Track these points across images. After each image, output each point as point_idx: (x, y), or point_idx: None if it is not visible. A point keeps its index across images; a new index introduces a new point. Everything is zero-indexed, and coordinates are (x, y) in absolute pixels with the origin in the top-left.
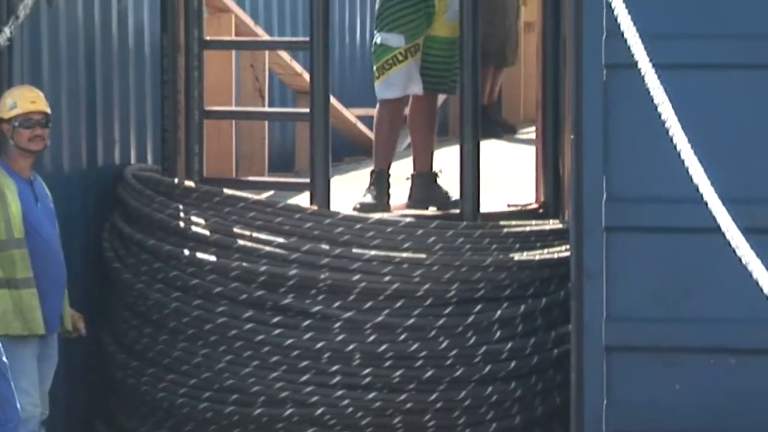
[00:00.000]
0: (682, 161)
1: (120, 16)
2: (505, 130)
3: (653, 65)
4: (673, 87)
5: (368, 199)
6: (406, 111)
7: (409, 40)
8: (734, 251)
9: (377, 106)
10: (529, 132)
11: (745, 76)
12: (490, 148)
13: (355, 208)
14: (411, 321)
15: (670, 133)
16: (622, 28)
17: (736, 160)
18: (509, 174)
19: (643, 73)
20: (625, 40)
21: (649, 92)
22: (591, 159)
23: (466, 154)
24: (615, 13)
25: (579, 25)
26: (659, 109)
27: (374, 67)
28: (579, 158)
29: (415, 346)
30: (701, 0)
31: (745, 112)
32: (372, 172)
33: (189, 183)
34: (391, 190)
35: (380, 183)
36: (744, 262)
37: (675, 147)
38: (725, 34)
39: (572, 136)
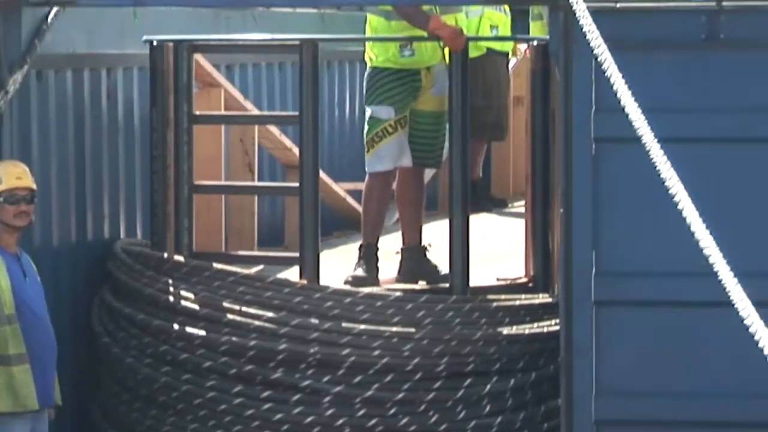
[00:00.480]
0: (692, 234)
1: (109, 90)
2: (495, 204)
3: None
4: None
5: (359, 272)
6: (394, 185)
7: (399, 112)
8: (744, 324)
9: (366, 179)
10: (519, 206)
11: (738, 150)
12: (479, 222)
13: (346, 282)
14: (401, 395)
15: (680, 207)
16: (622, 102)
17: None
18: (499, 248)
19: (647, 148)
20: (627, 114)
21: (644, 166)
22: (580, 233)
23: (455, 228)
24: (614, 88)
25: (568, 99)
26: (667, 183)
27: (365, 140)
28: (568, 232)
29: (404, 421)
30: (695, 74)
31: (738, 187)
32: (361, 246)
33: (178, 257)
34: (380, 264)
35: (369, 257)
36: (756, 336)
37: (684, 220)
38: (719, 108)
39: (562, 210)
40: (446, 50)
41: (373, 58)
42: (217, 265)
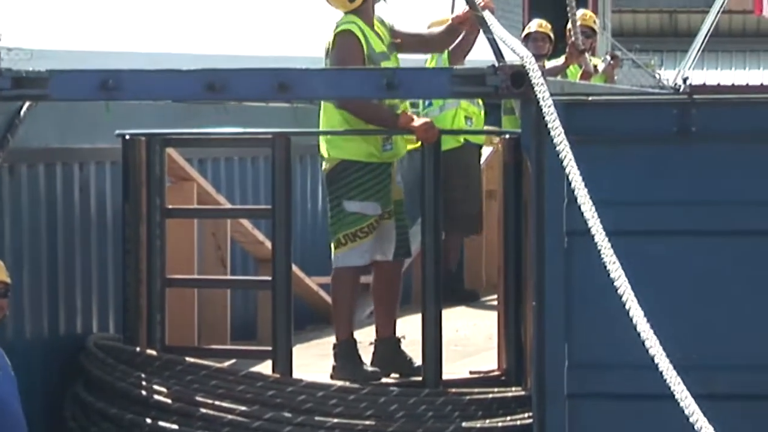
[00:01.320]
0: (636, 328)
1: (82, 185)
2: (468, 297)
3: (612, 232)
4: (632, 253)
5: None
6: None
7: (384, 207)
8: (688, 419)
9: (337, 273)
10: (491, 299)
11: (710, 243)
12: (452, 315)
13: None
14: None
15: (624, 300)
16: (577, 196)
17: (692, 326)
18: (471, 341)
19: (597, 241)
20: (579, 207)
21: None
22: (553, 326)
23: (428, 321)
24: (570, 180)
25: (541, 192)
26: (612, 276)
27: (340, 234)
28: (541, 325)
29: None
30: (667, 167)
31: (698, 278)
32: (336, 344)
33: (151, 351)
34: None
35: (352, 352)
36: (697, 429)
37: (629, 314)
38: (691, 202)
39: (534, 303)
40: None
41: (346, 150)
42: (189, 359)
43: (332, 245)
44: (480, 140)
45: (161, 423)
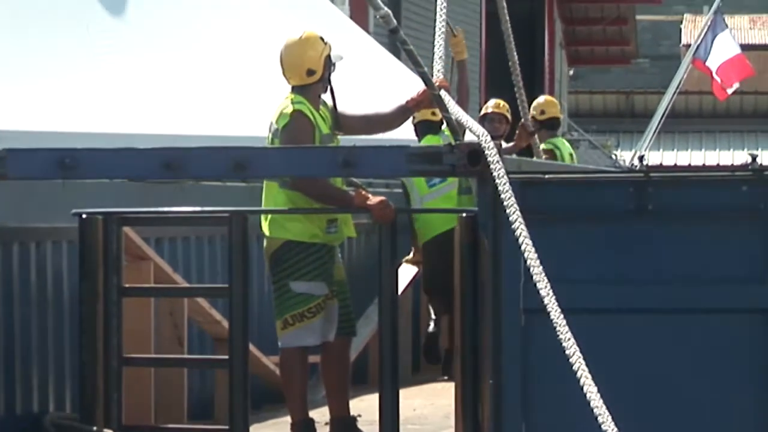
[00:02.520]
0: (591, 408)
1: (39, 264)
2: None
3: (568, 310)
4: (589, 331)
5: None
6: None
7: (330, 286)
8: None
9: (285, 354)
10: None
11: (665, 321)
12: (410, 394)
13: None
14: None
15: (579, 379)
16: (533, 274)
17: (648, 406)
18: (429, 420)
19: (553, 319)
20: (535, 285)
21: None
22: (510, 404)
23: (385, 400)
24: (526, 258)
25: (498, 270)
26: (568, 354)
27: (287, 315)
28: (498, 404)
29: None
30: (624, 244)
31: (655, 357)
32: (296, 424)
33: (108, 431)
34: None
35: (309, 430)
36: None
37: (584, 393)
38: (647, 280)
39: (491, 381)
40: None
41: (290, 230)
42: None
43: (278, 326)
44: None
45: None
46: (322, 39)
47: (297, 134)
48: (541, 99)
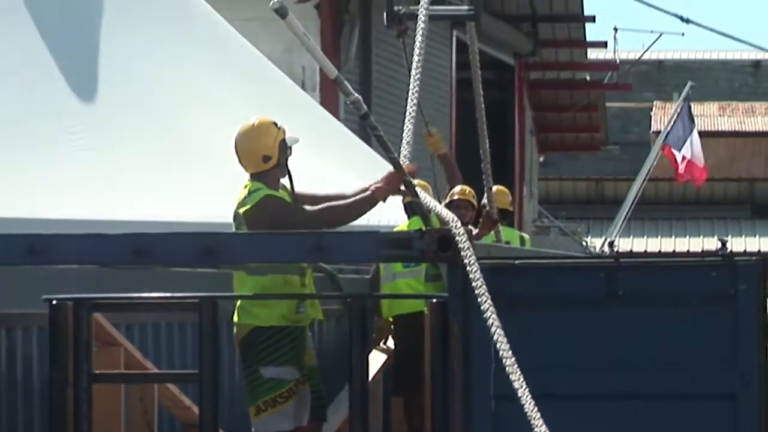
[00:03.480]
0: None
1: (9, 350)
2: None
3: (539, 396)
4: (560, 418)
5: None
6: None
7: (301, 370)
8: None
9: None
10: None
11: (637, 406)
12: None
13: None
14: None
15: None
16: (503, 360)
17: None
18: None
19: (524, 406)
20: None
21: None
22: None
23: None
24: (497, 345)
25: (468, 357)
26: None
27: (259, 401)
28: None
29: None
30: (594, 330)
31: None
32: None
33: None
34: None
35: None
36: None
37: None
38: (618, 364)
39: None
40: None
41: (259, 316)
42: None
43: (251, 412)
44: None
45: None
46: (275, 124)
47: (280, 212)
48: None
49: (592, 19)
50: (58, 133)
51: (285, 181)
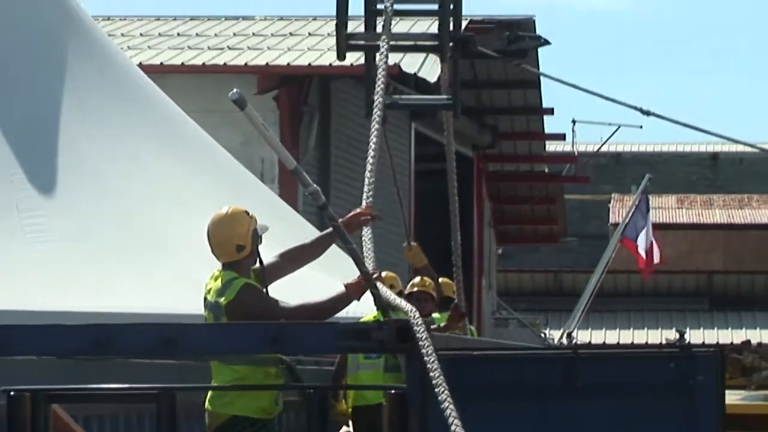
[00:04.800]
0: None
1: None
2: None
3: None
4: None
5: None
6: None
7: None
8: None
9: None
10: None
11: None
12: None
13: None
14: None
15: None
16: None
17: None
18: None
19: None
20: None
21: None
22: None
23: None
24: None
25: None
26: None
27: None
28: None
29: None
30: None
31: None
32: None
33: None
34: None
35: None
36: None
37: None
38: None
39: None
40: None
41: (238, 406)
42: None
43: None
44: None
45: None
46: (247, 213)
47: (258, 302)
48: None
49: (551, 111)
50: (17, 227)
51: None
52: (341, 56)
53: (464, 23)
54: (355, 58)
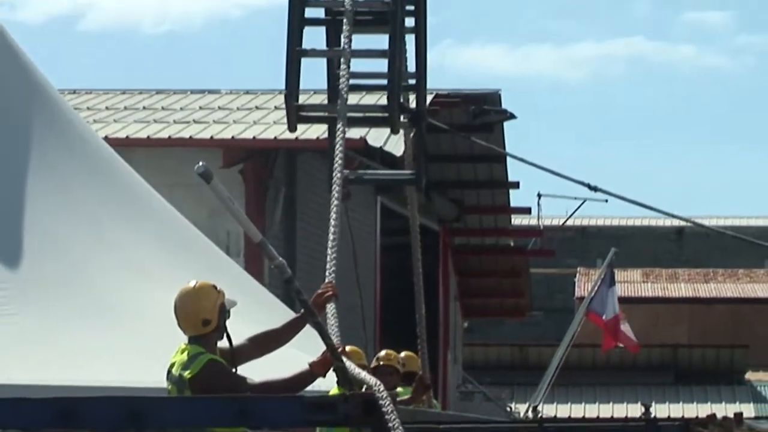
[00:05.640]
0: None
1: None
2: None
3: None
4: None
5: None
6: None
7: None
8: None
9: None
10: None
11: None
12: None
13: None
14: None
15: None
16: None
17: None
18: None
19: None
20: None
21: None
22: None
23: None
24: None
25: None
26: None
27: None
28: None
29: None
30: None
31: None
32: None
33: None
34: None
35: None
36: None
37: None
38: None
39: None
40: None
41: None
42: None
43: None
44: None
45: None
46: (215, 287)
47: (221, 379)
48: (402, 353)
49: (516, 185)
50: None
51: (223, 342)
52: (291, 128)
53: (430, 97)
54: (321, 131)
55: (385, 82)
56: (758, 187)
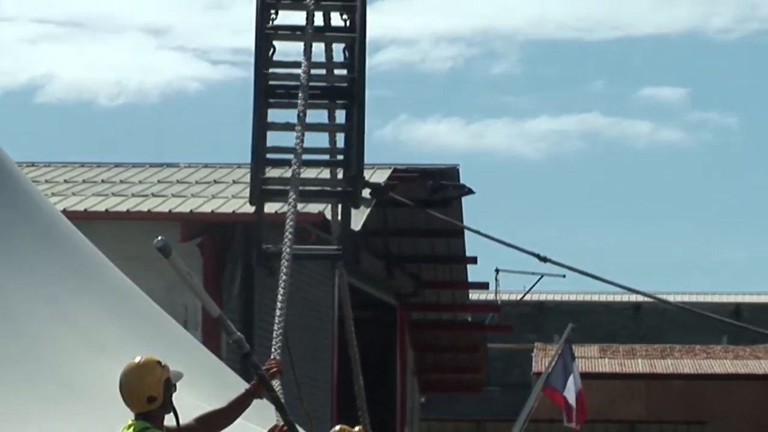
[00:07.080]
0: None
1: None
2: None
3: None
4: None
5: None
6: None
7: None
8: None
9: None
10: None
11: None
12: None
13: None
14: None
15: None
16: None
17: None
18: None
19: None
20: None
21: None
22: None
23: None
24: None
25: None
26: None
27: None
28: None
29: None
30: None
31: None
32: None
33: None
34: None
35: None
36: None
37: None
38: None
39: None
40: None
41: None
42: None
43: None
44: None
45: None
46: (159, 363)
47: None
48: (336, 428)
49: (474, 260)
50: None
51: (170, 419)
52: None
53: (388, 172)
54: (279, 205)
55: (321, 157)
56: (714, 264)
